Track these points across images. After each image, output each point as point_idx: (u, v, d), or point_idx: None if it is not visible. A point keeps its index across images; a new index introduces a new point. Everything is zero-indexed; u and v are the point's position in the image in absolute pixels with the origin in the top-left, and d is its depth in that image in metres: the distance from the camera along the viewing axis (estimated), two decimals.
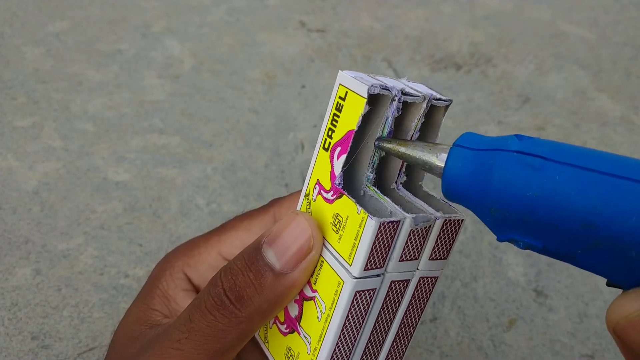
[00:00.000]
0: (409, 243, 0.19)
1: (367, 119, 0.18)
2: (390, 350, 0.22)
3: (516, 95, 0.52)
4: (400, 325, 0.21)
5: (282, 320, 0.22)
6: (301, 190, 0.22)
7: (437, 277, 0.21)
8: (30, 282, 0.35)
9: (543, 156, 0.15)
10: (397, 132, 0.20)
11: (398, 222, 0.18)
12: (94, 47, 0.53)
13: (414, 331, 0.22)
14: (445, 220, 0.19)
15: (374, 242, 0.18)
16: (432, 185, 0.44)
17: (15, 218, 0.38)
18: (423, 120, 0.19)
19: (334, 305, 0.19)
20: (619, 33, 0.60)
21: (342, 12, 0.60)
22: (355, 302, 0.19)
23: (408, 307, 0.21)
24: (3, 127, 0.45)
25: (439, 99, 0.19)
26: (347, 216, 0.18)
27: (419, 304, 0.21)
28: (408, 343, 0.22)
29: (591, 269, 0.15)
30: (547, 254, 0.16)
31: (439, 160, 0.17)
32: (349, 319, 0.19)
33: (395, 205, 0.18)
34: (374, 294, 0.19)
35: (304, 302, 0.21)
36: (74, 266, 0.36)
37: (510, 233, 0.16)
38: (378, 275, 0.19)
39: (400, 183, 0.21)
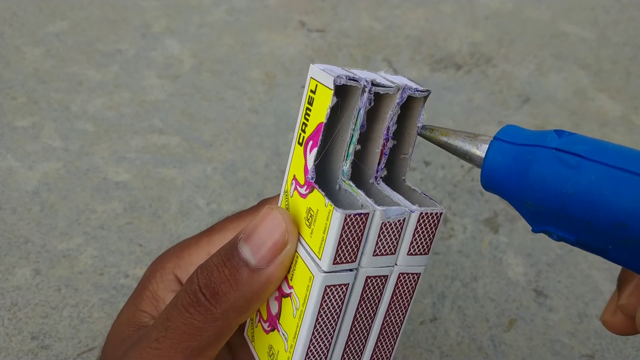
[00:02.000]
0: (382, 237, 0.18)
1: (339, 112, 0.18)
2: (374, 350, 0.21)
3: (516, 95, 0.52)
4: (383, 323, 0.21)
5: (265, 318, 0.22)
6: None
7: (420, 273, 0.20)
8: (30, 282, 0.35)
9: (580, 154, 0.15)
10: (372, 124, 0.19)
11: (367, 214, 0.17)
12: (94, 47, 0.53)
13: (399, 331, 0.21)
14: (422, 213, 0.18)
15: (342, 235, 0.17)
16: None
17: (15, 218, 0.38)
18: (399, 112, 0.19)
19: (306, 301, 0.19)
20: (619, 33, 0.60)
21: (342, 12, 0.60)
22: (326, 296, 0.19)
23: (390, 304, 0.20)
24: (3, 127, 0.45)
25: (416, 90, 0.19)
26: (317, 210, 0.18)
27: (402, 301, 0.20)
28: (395, 344, 0.22)
29: (623, 264, 0.16)
30: (580, 247, 0.16)
31: (479, 151, 0.17)
32: (322, 315, 0.19)
33: (368, 199, 0.18)
34: (347, 289, 0.19)
35: (283, 299, 0.21)
36: (74, 266, 0.36)
37: (545, 226, 0.16)
38: (351, 270, 0.19)
39: (381, 177, 0.20)
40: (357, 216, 0.17)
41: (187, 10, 0.58)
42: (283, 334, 0.21)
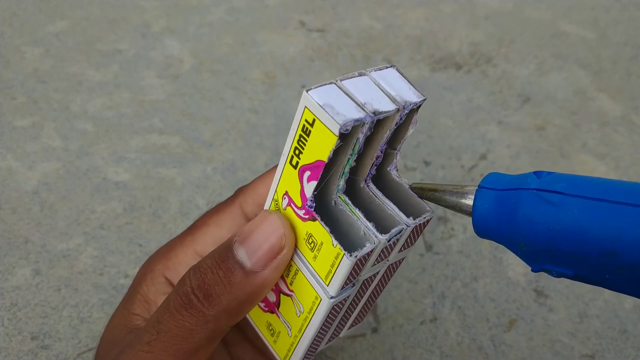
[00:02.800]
0: (381, 253, 0.19)
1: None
2: (356, 317, 0.24)
3: (516, 95, 0.52)
4: (368, 298, 0.23)
5: (264, 296, 0.23)
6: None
7: (404, 257, 0.22)
8: (29, 282, 0.35)
9: (561, 192, 0.16)
10: (368, 141, 0.19)
11: (373, 249, 0.18)
12: (94, 47, 0.53)
13: (380, 293, 0.23)
14: (416, 226, 0.19)
15: (350, 272, 0.18)
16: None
17: (15, 218, 0.38)
18: (394, 128, 0.18)
19: (312, 313, 0.20)
20: (619, 33, 0.60)
21: (342, 12, 0.60)
22: (332, 311, 0.20)
23: (375, 288, 0.22)
24: (3, 127, 0.44)
25: (414, 104, 0.18)
26: (322, 242, 0.18)
27: (386, 279, 0.22)
28: (375, 301, 0.24)
29: (623, 292, 0.16)
30: (580, 280, 0.17)
31: (467, 201, 0.18)
32: (326, 321, 0.20)
33: (368, 223, 0.18)
34: (348, 297, 0.20)
35: (282, 295, 0.21)
36: (74, 266, 0.36)
37: (543, 264, 0.17)
38: (353, 285, 0.20)
39: (370, 178, 0.20)
40: (365, 255, 0.18)
41: (187, 10, 0.58)
42: (285, 323, 0.22)
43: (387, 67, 0.19)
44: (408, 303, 0.36)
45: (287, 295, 0.21)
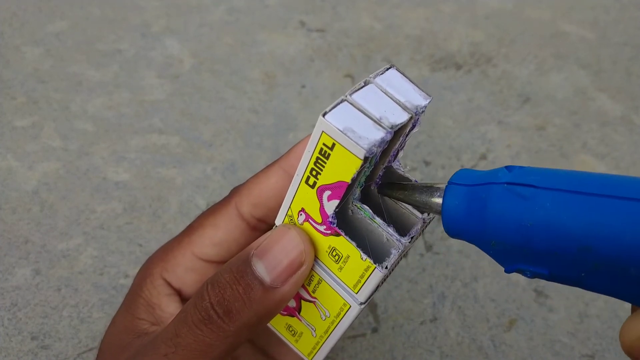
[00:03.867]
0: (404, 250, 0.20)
1: None
2: None
3: (516, 95, 0.52)
4: None
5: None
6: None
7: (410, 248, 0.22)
8: (29, 282, 0.35)
9: (533, 185, 0.15)
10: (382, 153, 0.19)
11: (399, 255, 0.19)
12: (94, 47, 0.53)
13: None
14: (430, 217, 0.20)
15: (383, 280, 0.19)
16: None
17: (15, 218, 0.38)
18: (406, 136, 0.19)
19: (340, 317, 0.20)
20: (619, 33, 0.60)
21: (342, 12, 0.60)
22: (360, 314, 0.21)
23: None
24: (3, 127, 0.44)
25: (424, 107, 0.18)
26: (349, 256, 0.19)
27: (395, 265, 0.23)
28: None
29: (600, 291, 0.15)
30: (555, 281, 0.16)
31: (436, 199, 0.18)
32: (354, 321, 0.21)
33: (388, 229, 0.19)
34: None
35: (302, 300, 0.22)
36: (74, 266, 0.36)
37: (516, 264, 0.16)
38: (378, 288, 0.20)
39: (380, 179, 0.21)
40: (393, 264, 0.18)
41: (187, 10, 0.58)
42: (309, 325, 0.22)
43: (387, 70, 0.19)
44: (408, 303, 0.36)
45: (309, 301, 0.21)
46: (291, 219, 0.20)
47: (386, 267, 0.18)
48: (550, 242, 0.15)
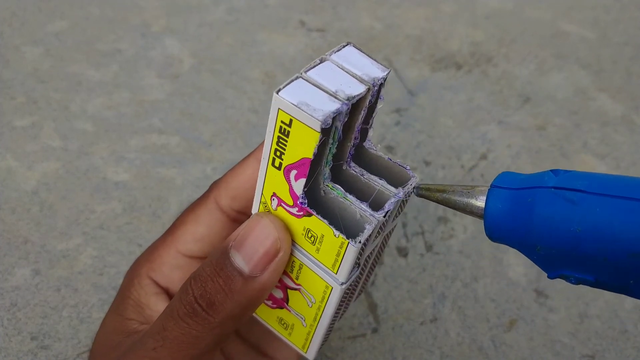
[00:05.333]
0: (379, 228, 0.20)
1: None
2: (359, 291, 0.24)
3: (517, 95, 0.52)
4: (368, 269, 0.23)
5: (267, 297, 0.23)
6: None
7: (396, 225, 0.22)
8: (29, 282, 0.35)
9: (581, 189, 0.15)
10: (344, 127, 0.19)
11: (374, 230, 0.18)
12: (94, 47, 0.52)
13: (377, 263, 0.24)
14: (405, 193, 0.20)
15: (357, 257, 0.19)
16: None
17: (14, 218, 0.38)
18: (366, 109, 0.19)
19: (324, 301, 0.20)
20: (619, 33, 0.60)
21: (342, 11, 0.60)
22: (344, 294, 0.21)
23: (374, 259, 0.23)
24: (2, 127, 0.44)
25: (382, 79, 0.18)
26: (323, 235, 0.19)
27: (381, 250, 0.23)
28: (373, 271, 0.25)
29: None
30: (601, 287, 0.16)
31: (478, 202, 0.17)
32: (340, 304, 0.21)
33: (361, 205, 0.19)
34: (356, 279, 0.21)
35: (288, 290, 0.22)
36: (73, 266, 0.36)
37: (560, 269, 0.16)
38: (359, 266, 0.20)
39: (351, 158, 0.20)
40: (367, 239, 0.18)
41: (186, 9, 0.58)
42: (298, 315, 0.22)
43: (344, 47, 0.19)
44: (408, 303, 0.36)
45: (295, 289, 0.21)
46: (265, 206, 0.20)
47: (359, 242, 0.18)
48: (599, 249, 0.15)
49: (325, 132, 0.17)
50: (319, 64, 0.18)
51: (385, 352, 0.34)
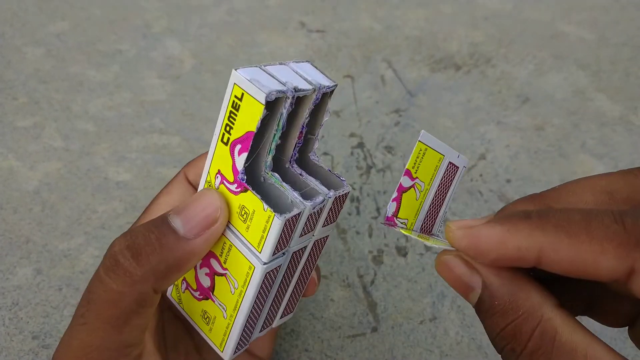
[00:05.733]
0: (307, 222, 0.21)
1: (265, 118, 0.20)
2: (289, 300, 0.25)
3: (515, 95, 0.52)
4: (299, 278, 0.24)
5: (194, 287, 0.24)
6: (205, 153, 0.24)
7: (328, 235, 0.24)
8: (31, 281, 0.35)
9: None
10: (290, 119, 0.21)
11: (300, 213, 0.20)
12: (95, 48, 0.53)
13: (307, 281, 0.25)
14: (337, 196, 0.22)
15: (280, 235, 0.20)
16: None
17: (16, 218, 0.38)
18: (312, 107, 0.21)
19: (246, 284, 0.21)
20: (618, 33, 0.60)
21: (342, 12, 0.61)
22: (265, 280, 0.21)
23: (304, 266, 0.24)
24: (4, 127, 0.45)
25: (328, 87, 0.21)
26: (254, 210, 0.20)
27: (313, 260, 0.24)
28: (302, 290, 0.26)
29: None
30: None
31: None
32: (260, 292, 0.22)
33: (294, 193, 0.20)
34: (279, 268, 0.22)
35: (216, 276, 0.23)
36: (75, 266, 0.36)
37: None
38: (283, 254, 0.22)
39: (294, 160, 0.22)
40: (293, 217, 0.20)
41: (187, 10, 0.59)
42: (220, 305, 0.23)
43: (303, 62, 0.21)
44: (407, 302, 0.36)
45: (221, 274, 0.22)
46: (209, 184, 0.22)
47: (284, 217, 0.19)
48: None
49: (270, 107, 0.19)
50: (278, 64, 0.20)
51: (384, 351, 0.34)
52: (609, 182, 0.17)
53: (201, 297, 0.24)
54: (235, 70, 0.19)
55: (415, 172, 0.21)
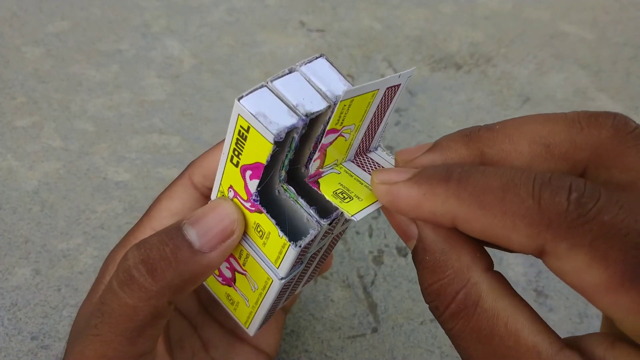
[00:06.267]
0: (324, 235, 0.21)
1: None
2: (308, 277, 0.25)
3: (516, 95, 0.52)
4: (317, 264, 0.24)
5: (217, 273, 0.24)
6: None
7: (348, 226, 0.23)
8: (29, 282, 0.35)
9: None
10: (302, 138, 0.19)
11: (316, 236, 0.19)
12: (94, 47, 0.53)
13: (325, 260, 0.25)
14: None
15: (297, 258, 0.19)
16: None
17: (15, 218, 0.38)
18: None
19: (265, 290, 0.21)
20: (618, 33, 0.60)
21: (342, 12, 0.60)
22: (284, 286, 0.21)
23: (323, 254, 0.24)
24: (3, 127, 0.45)
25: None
26: (269, 232, 0.19)
27: (331, 247, 0.24)
28: (321, 266, 0.26)
29: None
30: None
31: None
32: (279, 294, 0.22)
33: (310, 210, 0.19)
34: (296, 275, 0.22)
35: (236, 273, 0.23)
36: (74, 266, 0.36)
37: None
38: (301, 263, 0.21)
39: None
40: (309, 243, 0.19)
41: (187, 10, 0.58)
42: (243, 295, 0.23)
43: (316, 58, 0.19)
44: (408, 303, 0.36)
45: (241, 273, 0.22)
46: (223, 195, 0.21)
47: (299, 246, 0.18)
48: None
49: (278, 144, 0.17)
50: (287, 74, 0.18)
51: (385, 351, 0.34)
52: (550, 132, 0.16)
53: (224, 283, 0.24)
54: (238, 100, 0.17)
55: (340, 124, 0.19)
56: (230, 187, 0.20)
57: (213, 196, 0.21)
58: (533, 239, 0.14)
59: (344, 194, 0.19)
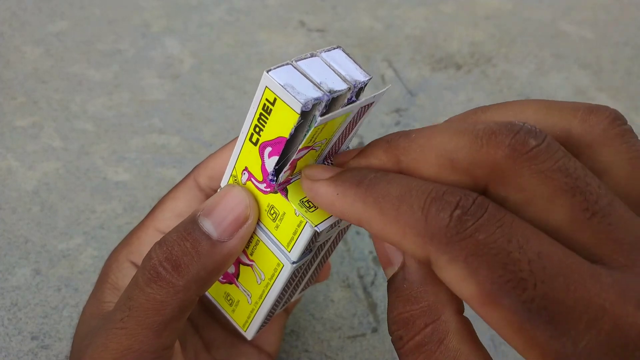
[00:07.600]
0: (336, 221, 0.21)
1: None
2: (307, 282, 0.25)
3: (516, 95, 0.52)
4: (317, 265, 0.24)
5: (231, 264, 0.24)
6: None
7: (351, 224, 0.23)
8: (29, 282, 0.35)
9: None
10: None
11: (332, 223, 0.20)
12: (94, 47, 0.53)
13: (326, 261, 0.25)
14: None
15: (311, 240, 0.20)
16: None
17: (15, 218, 0.38)
18: (345, 104, 0.20)
19: (274, 278, 0.21)
20: (619, 33, 0.60)
21: (342, 12, 0.60)
22: (292, 275, 0.22)
23: (326, 252, 0.24)
24: (3, 127, 0.44)
25: (364, 83, 0.20)
26: (284, 213, 0.20)
27: (335, 244, 0.24)
28: (320, 270, 0.26)
29: None
30: None
31: None
32: (286, 285, 0.22)
33: None
34: (306, 262, 0.22)
35: (241, 265, 0.23)
36: (74, 266, 0.36)
37: None
38: (311, 251, 0.21)
39: None
40: (326, 228, 0.19)
41: (187, 10, 0.58)
42: (245, 291, 0.23)
43: (334, 49, 0.20)
44: None
45: (247, 265, 0.22)
46: (235, 179, 0.21)
47: (316, 227, 0.19)
48: None
49: (304, 115, 0.18)
50: (309, 57, 0.19)
51: (385, 351, 0.34)
52: (455, 147, 0.16)
53: (225, 281, 0.24)
54: (267, 72, 0.17)
55: (312, 142, 0.19)
56: (245, 169, 0.20)
57: (223, 182, 0.22)
58: (420, 248, 0.15)
59: (309, 202, 0.20)
